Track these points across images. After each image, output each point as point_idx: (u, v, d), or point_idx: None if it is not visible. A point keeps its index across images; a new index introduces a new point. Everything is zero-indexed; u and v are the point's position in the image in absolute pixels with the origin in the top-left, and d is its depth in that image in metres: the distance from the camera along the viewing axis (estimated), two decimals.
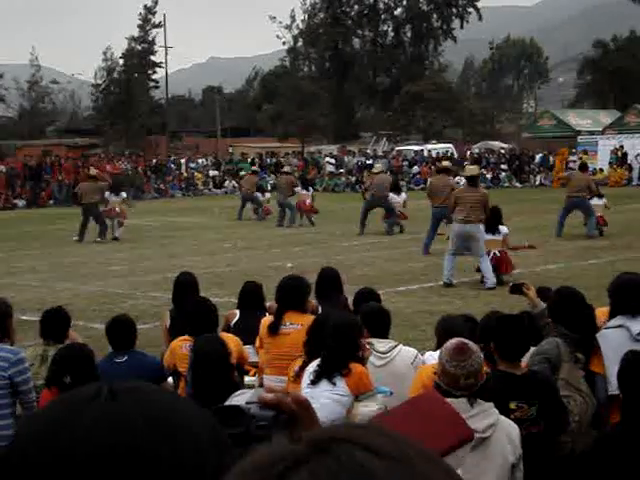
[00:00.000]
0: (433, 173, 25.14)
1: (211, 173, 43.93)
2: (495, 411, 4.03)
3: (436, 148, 45.71)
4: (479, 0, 68.81)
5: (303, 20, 67.30)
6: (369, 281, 11.30)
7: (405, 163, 43.65)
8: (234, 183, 39.90)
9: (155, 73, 60.07)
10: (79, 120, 69.88)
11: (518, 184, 40.43)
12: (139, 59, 56.98)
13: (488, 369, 4.52)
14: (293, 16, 67.31)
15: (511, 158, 43.40)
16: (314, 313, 6.33)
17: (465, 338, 4.24)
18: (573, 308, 5.41)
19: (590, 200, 18.57)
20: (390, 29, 71.50)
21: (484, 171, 37.10)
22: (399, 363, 5.45)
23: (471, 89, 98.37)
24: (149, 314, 10.81)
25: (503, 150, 46.30)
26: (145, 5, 57.76)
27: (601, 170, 37.12)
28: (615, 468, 3.82)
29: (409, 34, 70.94)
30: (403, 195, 21.86)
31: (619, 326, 5.35)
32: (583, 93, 71.68)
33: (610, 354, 5.12)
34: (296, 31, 66.77)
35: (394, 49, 70.22)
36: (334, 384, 4.78)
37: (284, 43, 67.13)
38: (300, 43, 67.01)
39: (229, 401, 1.48)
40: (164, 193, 40.27)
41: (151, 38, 58.36)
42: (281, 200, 23.71)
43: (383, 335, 5.63)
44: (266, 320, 6.41)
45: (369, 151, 47.85)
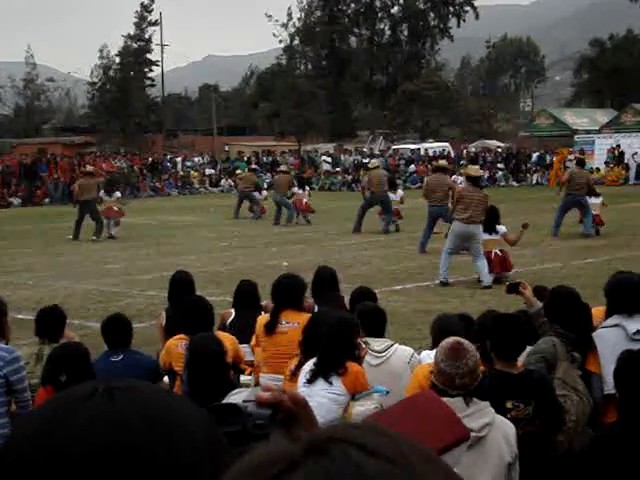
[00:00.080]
0: (430, 172, 25.12)
1: (207, 172, 43.91)
2: (491, 410, 4.02)
3: (433, 147, 45.73)
4: None
5: (300, 18, 67.31)
6: (365, 280, 11.29)
7: (402, 162, 43.69)
8: (230, 182, 39.90)
9: (151, 71, 60.05)
10: (75, 118, 69.83)
11: (515, 183, 40.45)
12: (135, 57, 56.91)
13: (484, 368, 4.52)
14: (290, 14, 67.29)
15: (508, 157, 43.42)
16: (310, 312, 6.32)
17: (461, 337, 4.23)
18: (569, 307, 5.42)
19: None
20: (387, 27, 71.57)
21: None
22: (395, 362, 5.44)
23: (468, 88, 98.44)
24: (145, 313, 10.80)
25: (500, 149, 46.35)
26: (142, 3, 57.72)
27: (598, 169, 37.13)
28: (612, 468, 3.81)
29: (406, 32, 70.99)
30: (400, 192, 21.87)
31: (615, 325, 5.35)
32: (580, 92, 71.72)
33: (606, 353, 5.12)
34: (293, 29, 66.77)
35: (391, 47, 70.27)
36: (330, 383, 4.77)
37: (281, 41, 67.14)
38: (297, 41, 66.96)
39: (226, 399, 1.47)
40: (160, 191, 40.26)
41: (147, 36, 58.32)
42: (277, 199, 23.69)
43: (379, 334, 5.63)
44: (262, 318, 6.40)
45: (366, 150, 47.88)
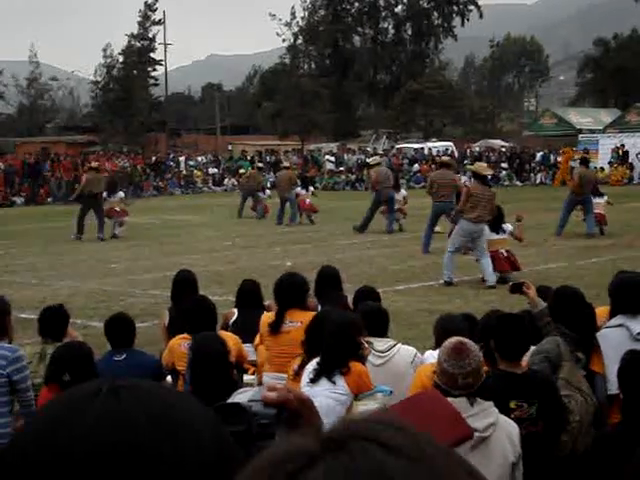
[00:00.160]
0: (435, 169, 25.03)
1: (210, 171, 43.93)
2: (495, 410, 4.01)
3: (436, 146, 45.68)
4: None
5: (303, 17, 67.30)
6: (369, 280, 11.29)
7: (405, 161, 43.66)
8: (233, 181, 39.91)
9: (155, 70, 60.11)
10: (78, 117, 69.96)
11: (519, 182, 40.41)
12: (139, 56, 56.95)
13: (488, 368, 4.51)
14: (293, 13, 67.27)
15: (512, 156, 43.39)
16: (314, 311, 6.31)
17: (464, 337, 4.22)
18: (573, 307, 5.40)
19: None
20: (390, 27, 71.53)
21: None
22: (398, 362, 5.43)
23: (471, 87, 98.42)
24: (148, 312, 10.79)
25: (504, 148, 46.31)
26: (145, 2, 57.78)
27: (602, 169, 37.02)
28: (615, 468, 3.80)
29: (409, 32, 70.95)
30: (403, 192, 21.84)
31: (619, 325, 5.34)
32: (584, 91, 71.63)
33: (610, 353, 5.11)
34: (296, 28, 66.77)
35: (394, 47, 70.24)
36: (334, 383, 4.76)
37: (284, 40, 67.12)
38: (300, 40, 66.94)
39: (231, 399, 1.47)
40: (163, 191, 40.28)
41: (151, 35, 58.38)
42: (281, 195, 23.59)
43: (382, 334, 5.62)
44: (266, 317, 6.38)
45: (369, 149, 47.82)
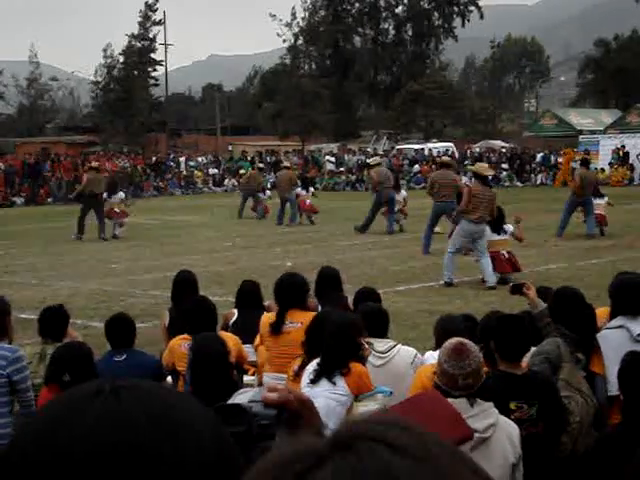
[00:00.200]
0: (435, 169, 25.01)
1: (211, 171, 43.94)
2: (495, 411, 4.01)
3: (437, 147, 45.68)
4: None
5: (304, 18, 67.32)
6: (369, 280, 11.29)
7: (406, 162, 43.65)
8: (234, 181, 39.92)
9: (155, 71, 60.12)
10: (78, 117, 69.96)
11: (519, 183, 40.42)
12: (139, 56, 56.97)
13: (488, 369, 4.51)
14: (294, 14, 67.29)
15: (512, 157, 43.40)
16: (314, 311, 6.31)
17: (464, 338, 4.22)
18: (573, 308, 5.40)
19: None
20: (391, 27, 71.57)
21: None
22: (398, 363, 5.43)
23: (472, 88, 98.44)
24: (148, 313, 10.79)
25: (504, 149, 46.32)
26: (146, 2, 57.80)
27: (602, 170, 37.01)
28: (616, 469, 3.79)
29: (410, 32, 71.00)
30: (403, 193, 21.83)
31: (619, 327, 5.33)
32: (584, 92, 71.67)
33: (610, 354, 5.10)
34: (297, 29, 66.79)
35: (395, 47, 70.27)
36: (334, 383, 4.76)
37: (284, 41, 67.13)
38: (301, 41, 66.96)
39: (232, 399, 1.47)
40: (163, 191, 40.28)
41: (152, 36, 58.40)
42: (282, 195, 23.60)
43: (382, 335, 5.62)
44: (266, 317, 6.37)
45: (369, 150, 47.81)
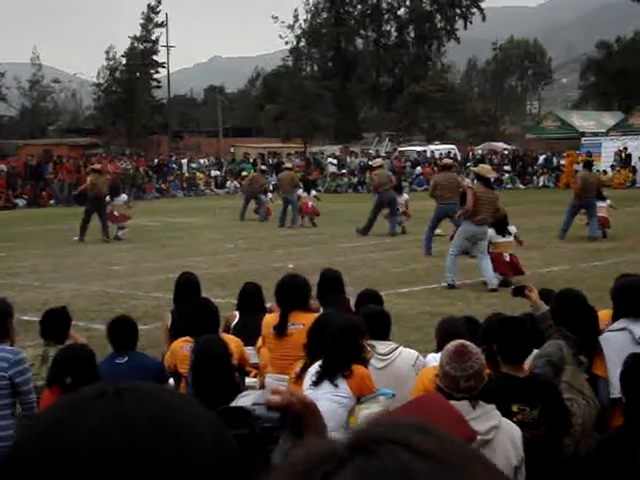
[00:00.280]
0: (437, 172, 24.96)
1: (213, 173, 43.94)
2: (497, 413, 4.01)
3: (439, 149, 45.69)
4: (483, 0, 68.89)
5: (306, 20, 67.29)
6: (371, 282, 11.27)
7: (408, 164, 43.65)
8: (236, 183, 39.92)
9: (157, 73, 60.15)
10: (80, 119, 69.97)
11: (521, 185, 40.41)
12: (142, 58, 57.01)
13: (490, 371, 4.50)
14: (296, 16, 67.27)
15: (514, 159, 43.39)
16: (316, 312, 6.31)
17: (466, 340, 4.21)
18: (576, 310, 5.39)
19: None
20: (393, 29, 71.58)
21: None
22: (400, 365, 5.43)
23: (474, 90, 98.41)
24: (150, 315, 10.79)
25: (506, 151, 46.31)
26: (148, 4, 57.86)
27: (605, 172, 36.94)
28: (618, 471, 3.79)
29: (412, 34, 70.98)
30: (405, 196, 21.78)
31: (622, 329, 5.33)
32: (587, 94, 71.64)
33: (613, 357, 5.10)
34: (299, 31, 66.75)
35: (397, 49, 70.27)
36: (336, 386, 4.75)
37: (287, 43, 67.10)
38: (303, 43, 66.95)
39: (235, 402, 1.47)
40: (165, 193, 40.29)
41: (154, 38, 58.44)
42: (283, 197, 23.61)
43: (383, 337, 5.61)
44: (268, 318, 6.37)
45: (372, 152, 47.79)
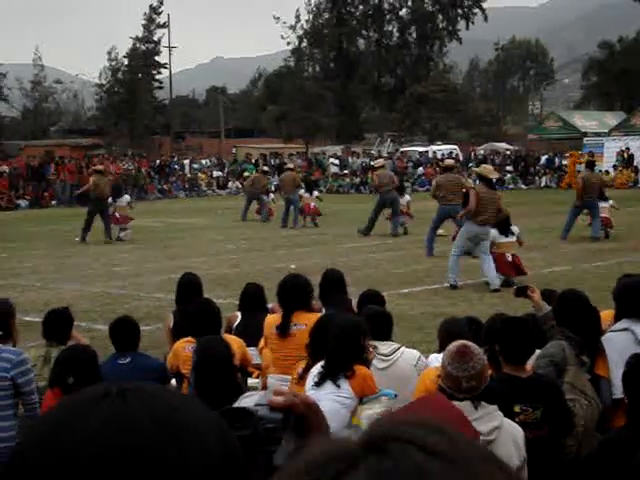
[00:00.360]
0: (439, 173, 24.90)
1: (215, 174, 43.92)
2: (500, 414, 4.01)
3: (441, 149, 45.67)
4: (485, 1, 68.89)
5: (307, 20, 67.34)
6: (373, 283, 11.27)
7: (410, 164, 43.64)
8: (238, 184, 39.93)
9: (159, 73, 60.17)
10: (82, 120, 69.99)
11: (523, 186, 40.37)
12: (144, 59, 57.04)
13: (493, 372, 4.50)
14: (298, 16, 67.30)
15: (516, 159, 43.36)
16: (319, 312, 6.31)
17: (468, 340, 4.21)
18: (578, 311, 5.39)
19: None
20: (395, 30, 71.58)
21: None
22: (402, 365, 5.43)
23: (476, 90, 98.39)
24: (152, 315, 10.80)
25: (508, 151, 46.29)
26: (150, 5, 57.92)
27: (607, 172, 36.87)
28: (620, 472, 3.79)
29: (414, 35, 70.97)
30: (407, 197, 21.71)
31: (624, 329, 5.32)
32: (589, 94, 71.60)
33: (615, 357, 5.09)
34: (300, 31, 66.78)
35: (399, 50, 70.27)
36: (338, 386, 4.75)
37: (289, 43, 67.15)
38: (304, 43, 66.97)
39: (237, 403, 1.46)
40: (167, 194, 40.29)
41: (156, 38, 58.48)
42: (286, 197, 23.63)
43: (385, 338, 5.61)
44: (270, 319, 6.37)
45: (374, 152, 47.77)
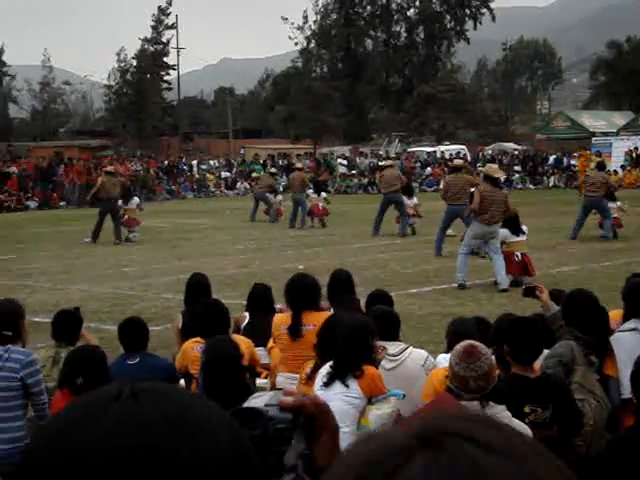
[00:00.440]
0: (447, 173, 24.85)
1: (223, 174, 43.94)
2: (508, 414, 4.01)
3: (449, 149, 45.60)
4: (493, 1, 68.79)
5: (315, 21, 67.36)
6: (381, 283, 11.28)
7: (418, 164, 43.60)
8: (246, 185, 39.96)
9: (168, 74, 60.30)
10: (91, 121, 70.18)
11: (531, 186, 40.28)
12: (152, 60, 57.14)
13: (501, 372, 4.50)
14: (305, 17, 67.35)
15: (524, 159, 43.28)
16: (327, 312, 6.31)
17: (476, 340, 4.21)
18: (587, 311, 5.38)
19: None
20: (403, 30, 71.55)
21: None
22: (410, 365, 5.43)
23: (484, 90, 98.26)
24: (161, 316, 10.82)
25: (516, 151, 46.20)
26: (159, 6, 58.03)
27: (615, 172, 36.69)
28: (628, 472, 3.78)
29: (422, 35, 70.93)
30: (414, 200, 21.47)
31: (633, 329, 5.32)
32: (597, 94, 71.41)
33: (624, 357, 5.09)
34: (308, 32, 66.83)
35: (407, 50, 70.23)
36: (347, 386, 4.75)
37: (296, 44, 67.19)
38: (312, 44, 66.99)
39: (247, 403, 1.47)
40: (176, 194, 40.31)
41: (165, 40, 58.59)
42: (294, 197, 23.64)
43: (393, 338, 5.61)
44: (278, 318, 6.37)
45: (381, 152, 47.74)
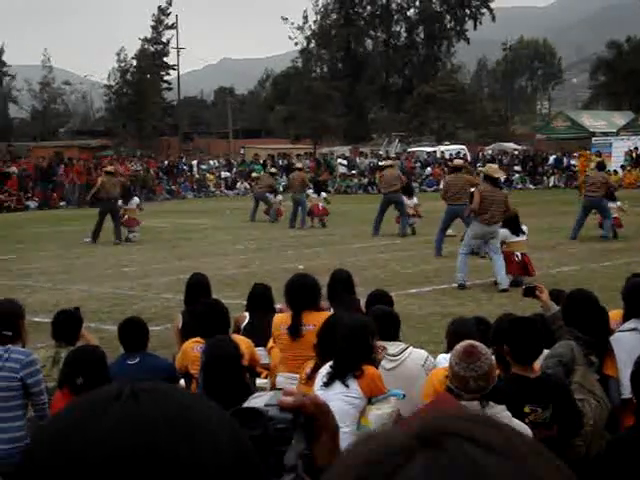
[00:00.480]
0: (447, 173, 24.83)
1: (223, 174, 43.94)
2: (508, 414, 4.01)
3: (449, 149, 45.61)
4: (493, 1, 68.80)
5: (315, 21, 67.39)
6: (381, 283, 11.28)
7: (418, 164, 43.61)
8: (246, 185, 39.97)
9: (168, 74, 60.31)
10: (91, 121, 70.19)
11: (531, 186, 40.29)
12: (152, 60, 57.16)
13: (501, 372, 4.50)
14: (305, 17, 67.37)
15: (524, 159, 43.30)
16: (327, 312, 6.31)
17: (476, 340, 4.21)
18: (586, 311, 5.38)
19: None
20: (403, 30, 71.58)
21: None
22: (410, 365, 5.43)
23: (484, 90, 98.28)
24: (161, 315, 10.82)
25: (516, 151, 46.21)
26: (159, 6, 58.05)
27: (615, 172, 36.65)
28: (628, 472, 3.78)
29: (422, 35, 70.96)
30: (414, 200, 21.47)
31: (633, 329, 5.32)
32: (597, 94, 71.43)
33: (624, 357, 5.09)
34: (308, 32, 66.86)
35: (407, 50, 70.25)
36: (347, 386, 4.75)
37: (296, 44, 67.22)
38: (312, 44, 67.01)
39: (247, 403, 1.47)
40: (176, 194, 40.31)
41: (165, 40, 58.60)
42: (294, 197, 23.65)
43: (393, 338, 5.61)
44: (278, 318, 6.38)
45: (382, 152, 47.74)
